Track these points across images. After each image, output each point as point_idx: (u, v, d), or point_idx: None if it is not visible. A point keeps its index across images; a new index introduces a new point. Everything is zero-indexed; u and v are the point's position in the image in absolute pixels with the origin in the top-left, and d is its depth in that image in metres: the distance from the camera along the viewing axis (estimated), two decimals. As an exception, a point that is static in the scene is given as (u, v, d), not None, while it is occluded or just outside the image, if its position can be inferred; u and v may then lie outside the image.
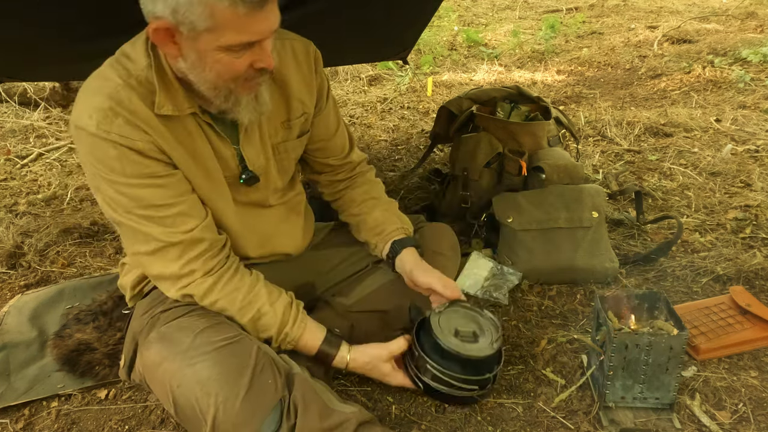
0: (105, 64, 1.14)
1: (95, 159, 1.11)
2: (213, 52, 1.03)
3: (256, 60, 1.07)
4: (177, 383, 1.12)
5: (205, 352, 1.13)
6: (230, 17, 0.99)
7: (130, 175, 1.11)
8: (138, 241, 1.17)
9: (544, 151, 2.09)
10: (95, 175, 1.13)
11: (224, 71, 1.07)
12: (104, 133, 1.08)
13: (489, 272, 1.79)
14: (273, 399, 1.11)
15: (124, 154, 1.10)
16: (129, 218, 1.15)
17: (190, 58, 1.06)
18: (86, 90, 1.12)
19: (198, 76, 1.08)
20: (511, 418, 1.33)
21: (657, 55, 4.57)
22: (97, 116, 1.07)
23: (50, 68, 2.20)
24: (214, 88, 1.10)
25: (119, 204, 1.14)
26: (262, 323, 1.25)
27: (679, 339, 1.23)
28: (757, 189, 2.37)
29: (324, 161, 1.50)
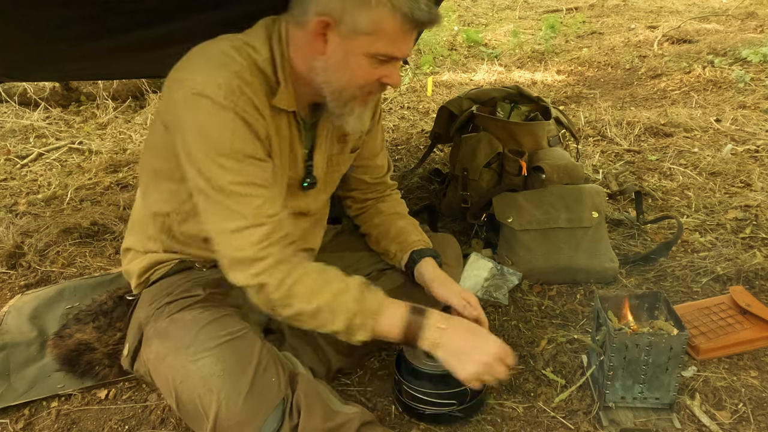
0: (223, 42, 1.15)
1: (209, 128, 1.09)
2: (359, 56, 1.10)
3: (385, 76, 1.14)
4: (180, 379, 1.12)
5: (208, 348, 1.13)
6: (392, 29, 1.07)
7: (237, 150, 1.10)
8: (224, 217, 1.12)
9: (544, 151, 2.09)
10: (199, 145, 1.10)
11: (359, 77, 1.12)
12: (231, 104, 1.08)
13: (489, 273, 1.79)
14: (276, 397, 1.10)
15: (240, 129, 1.10)
16: (221, 194, 1.11)
17: (334, 56, 1.10)
18: (207, 62, 1.12)
19: (331, 75, 1.13)
20: (511, 418, 1.33)
21: (657, 55, 4.57)
22: (226, 89, 1.08)
23: (50, 68, 2.20)
24: (339, 91, 1.15)
25: (216, 177, 1.10)
26: (337, 302, 1.15)
27: (679, 339, 1.23)
28: (757, 189, 2.37)
29: (361, 178, 1.54)
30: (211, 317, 1.18)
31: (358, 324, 1.15)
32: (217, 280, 1.33)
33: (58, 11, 1.51)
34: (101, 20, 1.64)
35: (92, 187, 2.80)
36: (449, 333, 1.17)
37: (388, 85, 1.17)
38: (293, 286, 1.13)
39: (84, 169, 3.04)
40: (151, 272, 1.35)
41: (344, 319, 1.14)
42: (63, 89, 3.96)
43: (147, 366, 1.22)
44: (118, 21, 1.64)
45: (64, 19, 1.58)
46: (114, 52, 1.78)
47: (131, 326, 1.32)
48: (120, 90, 4.06)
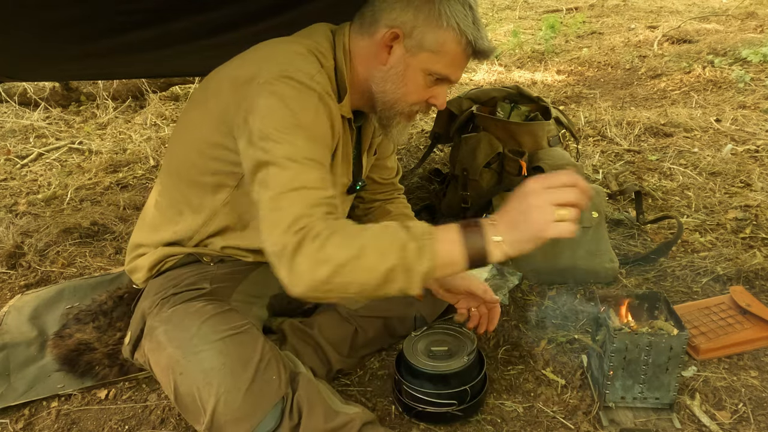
0: (288, 45, 1.17)
1: (294, 102, 1.07)
2: (417, 72, 1.15)
3: (434, 97, 1.20)
4: (180, 370, 1.12)
5: (210, 341, 1.13)
6: (454, 52, 1.13)
7: (312, 127, 1.09)
8: (285, 178, 1.02)
9: (544, 151, 2.09)
10: (278, 118, 1.05)
11: (412, 92, 1.18)
12: (317, 86, 1.10)
13: (489, 273, 1.79)
14: (275, 396, 1.10)
15: (321, 113, 1.12)
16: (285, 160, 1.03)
17: (395, 68, 1.16)
18: (284, 53, 1.14)
19: (388, 87, 1.17)
20: (511, 418, 1.33)
21: (657, 55, 4.57)
22: (310, 73, 1.11)
23: (50, 68, 2.20)
24: (392, 103, 1.20)
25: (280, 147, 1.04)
26: (383, 238, 0.97)
27: (679, 339, 1.23)
28: (757, 189, 2.37)
29: (372, 177, 1.56)
30: (215, 311, 1.18)
31: (415, 250, 0.95)
32: (224, 275, 1.34)
33: (59, 11, 1.51)
34: (101, 20, 1.63)
35: (92, 187, 2.80)
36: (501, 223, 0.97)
37: (434, 106, 1.22)
38: (330, 237, 0.96)
39: (84, 169, 3.04)
40: (162, 263, 1.36)
41: (397, 250, 0.95)
42: (63, 89, 3.96)
43: (147, 356, 1.22)
44: (118, 21, 1.64)
45: (64, 19, 1.58)
46: (114, 52, 1.78)
47: (135, 315, 1.32)
48: (120, 90, 4.06)
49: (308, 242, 0.95)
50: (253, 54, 1.18)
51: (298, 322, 1.48)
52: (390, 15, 1.13)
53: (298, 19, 1.68)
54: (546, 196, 0.93)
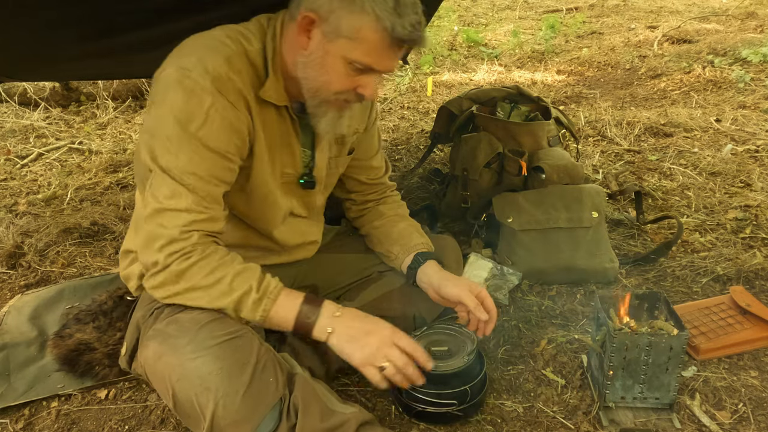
0: (217, 30, 1.17)
1: (181, 105, 1.09)
2: (336, 59, 1.10)
3: (361, 86, 1.14)
4: (177, 377, 1.12)
5: (206, 347, 1.12)
6: (372, 40, 1.07)
7: (200, 136, 1.10)
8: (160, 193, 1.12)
9: (544, 151, 2.09)
10: (168, 123, 1.10)
11: (334, 81, 1.13)
12: (215, 90, 1.09)
13: (489, 273, 1.79)
14: (273, 397, 1.10)
15: (213, 119, 1.10)
16: (165, 173, 1.11)
17: (314, 54, 1.11)
18: (200, 45, 1.14)
19: (309, 73, 1.13)
20: (511, 418, 1.33)
21: (657, 55, 4.57)
22: (214, 74, 1.09)
23: (50, 68, 2.20)
24: (315, 90, 1.15)
25: (165, 158, 1.10)
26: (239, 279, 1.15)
27: (679, 339, 1.23)
28: (757, 189, 2.37)
29: (358, 178, 1.54)
30: (210, 317, 1.17)
31: (255, 300, 1.14)
32: None
33: (58, 11, 1.51)
34: (101, 20, 1.63)
35: (92, 187, 2.80)
36: (342, 320, 1.18)
37: (364, 96, 1.16)
38: (198, 261, 1.13)
39: (84, 169, 3.04)
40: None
41: (241, 292, 1.14)
42: (63, 89, 3.96)
43: (144, 365, 1.22)
44: (118, 21, 1.64)
45: (64, 19, 1.58)
46: (114, 52, 1.78)
47: (130, 326, 1.32)
48: (120, 90, 4.06)
49: (176, 264, 1.12)
50: (180, 44, 1.16)
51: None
52: (311, 1, 1.09)
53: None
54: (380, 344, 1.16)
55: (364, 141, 1.49)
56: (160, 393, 1.20)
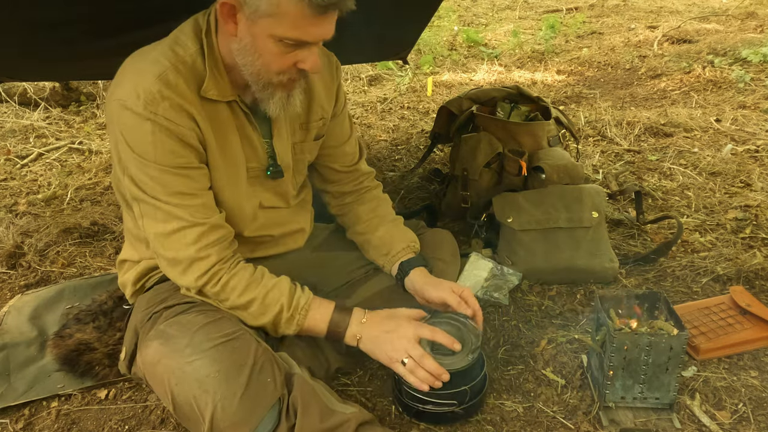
0: (152, 46, 1.18)
1: (132, 139, 1.12)
2: (266, 39, 1.08)
3: (301, 61, 1.12)
4: (176, 381, 1.12)
5: (203, 350, 1.13)
6: (293, 12, 1.04)
7: (161, 162, 1.13)
8: (158, 220, 1.17)
9: (544, 151, 2.09)
10: (126, 155, 1.14)
11: (271, 62, 1.11)
12: (151, 114, 1.09)
13: (489, 273, 1.79)
14: (271, 398, 1.11)
15: (161, 140, 1.11)
16: (154, 201, 1.16)
17: (244, 39, 1.10)
18: (133, 69, 1.14)
19: (246, 59, 1.12)
20: (511, 418, 1.33)
21: (657, 55, 4.57)
22: (146, 97, 1.09)
23: (50, 68, 2.20)
24: (257, 75, 1.14)
25: (148, 187, 1.15)
26: (269, 298, 1.24)
27: (679, 339, 1.23)
28: (757, 189, 2.37)
29: (332, 167, 1.53)
30: (206, 320, 1.18)
31: (287, 318, 1.24)
32: None
33: (59, 11, 1.51)
34: (101, 20, 1.63)
35: (92, 187, 2.80)
36: (368, 324, 1.26)
37: (306, 70, 1.14)
38: (229, 281, 1.22)
39: (84, 169, 3.04)
40: (146, 279, 1.36)
41: (275, 312, 1.23)
42: (63, 89, 3.95)
43: (144, 369, 1.22)
44: (119, 21, 1.64)
45: (64, 19, 1.58)
46: (114, 53, 1.78)
47: (128, 331, 1.32)
48: (120, 90, 4.05)
49: (210, 287, 1.21)
50: (120, 69, 1.17)
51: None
52: None
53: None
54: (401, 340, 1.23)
55: (334, 127, 1.47)
56: (160, 396, 1.21)
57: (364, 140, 3.32)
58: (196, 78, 1.15)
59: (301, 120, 1.38)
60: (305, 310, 1.25)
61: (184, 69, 1.14)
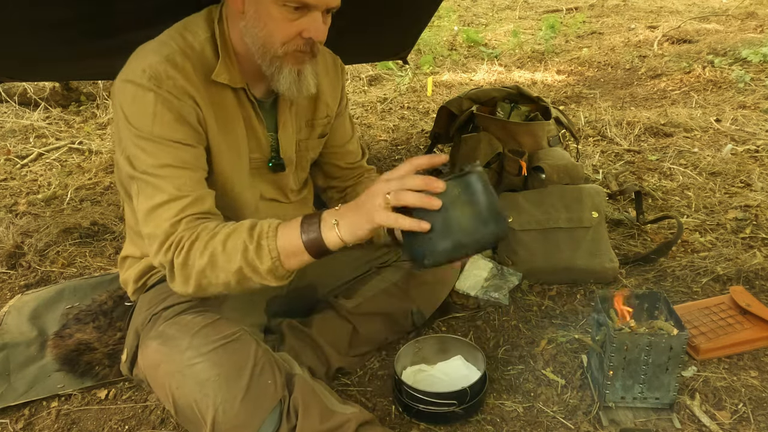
0: (164, 32, 1.19)
1: (132, 111, 1.11)
2: (269, 6, 1.08)
3: (305, 29, 1.10)
4: (176, 385, 1.12)
5: (203, 353, 1.12)
6: None
7: (157, 134, 1.11)
8: (145, 195, 1.14)
9: (544, 151, 2.09)
10: (123, 130, 1.13)
11: (275, 30, 1.10)
12: (154, 86, 1.10)
13: (489, 273, 1.79)
14: (272, 400, 1.10)
15: (160, 113, 1.11)
16: (145, 174, 1.13)
17: (249, 12, 1.11)
18: (141, 51, 1.15)
19: (253, 33, 1.12)
20: (511, 418, 1.33)
21: (657, 55, 4.56)
22: (151, 71, 1.10)
23: (50, 68, 2.20)
24: (262, 48, 1.13)
25: (140, 160, 1.13)
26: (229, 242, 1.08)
27: (679, 339, 1.23)
28: (757, 189, 2.37)
29: (336, 164, 1.53)
30: (205, 321, 1.17)
31: (255, 249, 1.06)
32: None
33: (59, 11, 1.51)
34: (101, 20, 1.63)
35: (92, 187, 2.80)
36: (341, 211, 1.06)
37: (312, 39, 1.12)
38: (192, 246, 1.09)
39: (84, 169, 3.04)
40: (148, 277, 1.35)
41: (240, 251, 1.07)
42: (63, 89, 3.95)
43: (144, 372, 1.22)
44: (119, 21, 1.64)
45: (64, 19, 1.58)
46: (113, 53, 1.78)
47: (129, 332, 1.32)
48: (120, 90, 4.05)
49: (176, 257, 1.10)
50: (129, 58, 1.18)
51: (297, 322, 1.48)
52: None
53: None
54: (381, 186, 1.00)
55: (337, 127, 1.49)
56: (162, 400, 1.21)
57: (364, 140, 3.32)
58: (203, 65, 1.16)
59: (308, 117, 1.39)
60: (273, 232, 1.07)
61: (192, 54, 1.15)
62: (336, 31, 1.19)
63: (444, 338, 1.49)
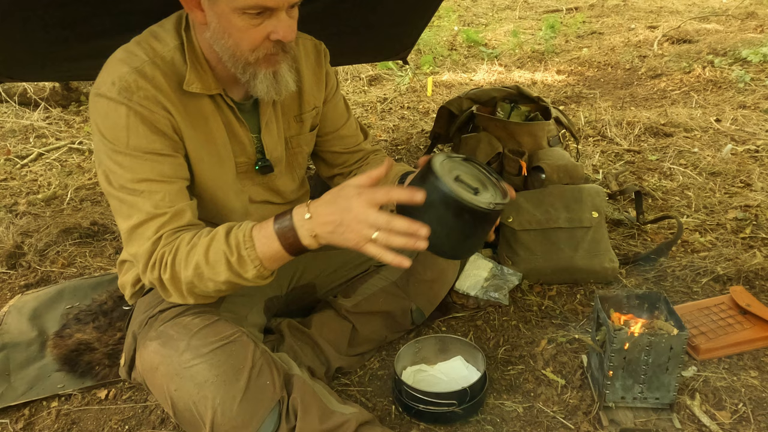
0: (131, 41, 1.17)
1: (106, 126, 1.10)
2: (230, 16, 1.05)
3: (272, 32, 1.08)
4: (175, 387, 1.12)
5: (201, 354, 1.12)
6: None
7: (133, 147, 1.10)
8: (123, 216, 1.14)
9: (544, 151, 2.09)
10: (100, 145, 1.13)
11: (241, 39, 1.08)
12: (124, 99, 1.09)
13: (489, 273, 1.79)
14: (271, 400, 1.10)
15: (134, 124, 1.10)
16: (121, 192, 1.12)
17: (212, 24, 1.08)
18: (110, 62, 1.14)
19: (220, 44, 1.10)
20: (511, 418, 1.33)
21: (657, 55, 4.56)
22: (120, 84, 1.09)
23: (50, 68, 2.20)
24: (232, 57, 1.11)
25: (116, 176, 1.12)
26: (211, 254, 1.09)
27: (679, 339, 1.23)
28: (757, 189, 2.37)
29: (334, 150, 1.49)
30: (203, 323, 1.17)
31: (237, 261, 1.07)
32: None
33: (58, 11, 1.51)
34: (101, 20, 1.64)
35: (92, 187, 2.80)
36: (315, 216, 1.03)
37: (280, 39, 1.09)
38: (174, 259, 1.10)
39: (84, 169, 3.04)
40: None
41: (224, 263, 1.07)
42: (63, 89, 3.95)
43: (143, 375, 1.22)
44: (118, 21, 1.64)
45: (63, 19, 1.58)
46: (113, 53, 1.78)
47: (127, 337, 1.31)
48: (120, 90, 4.05)
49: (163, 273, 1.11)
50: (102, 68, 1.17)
51: (296, 322, 1.48)
52: None
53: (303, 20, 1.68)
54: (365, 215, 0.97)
55: (328, 113, 1.44)
56: (161, 402, 1.21)
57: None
58: (175, 73, 1.14)
59: (295, 112, 1.36)
60: (249, 240, 1.06)
61: (162, 64, 1.13)
62: (336, 32, 1.19)
63: (444, 338, 1.49)
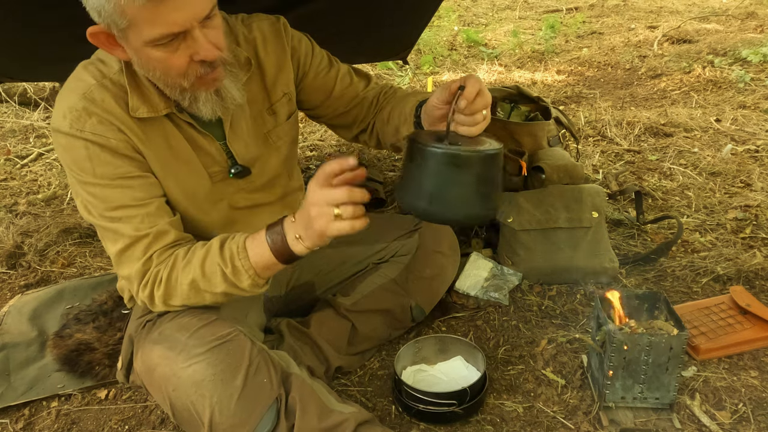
0: (79, 65, 1.16)
1: (70, 160, 1.11)
2: (144, 50, 1.00)
3: (193, 53, 1.02)
4: (173, 387, 1.12)
5: (198, 354, 1.12)
6: (138, 11, 0.94)
7: (100, 175, 1.10)
8: (109, 241, 1.15)
9: (544, 151, 2.09)
10: (71, 178, 1.14)
11: (166, 68, 1.04)
12: (78, 132, 1.08)
13: (489, 273, 1.79)
14: (269, 398, 1.11)
15: (95, 154, 1.09)
16: (102, 220, 1.13)
17: (134, 58, 1.05)
18: (62, 92, 1.14)
19: (150, 75, 1.08)
20: (511, 418, 1.33)
21: (657, 55, 4.56)
22: (71, 115, 1.08)
23: (50, 68, 2.20)
24: (168, 86, 1.08)
25: (93, 206, 1.13)
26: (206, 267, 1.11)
27: (679, 339, 1.23)
28: (757, 189, 2.37)
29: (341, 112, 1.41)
30: (201, 323, 1.17)
31: (232, 272, 1.09)
32: None
33: (58, 11, 1.51)
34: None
35: (92, 187, 2.80)
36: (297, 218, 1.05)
37: (205, 59, 1.03)
38: (170, 275, 1.13)
39: (84, 169, 3.04)
40: None
41: (219, 276, 1.10)
42: (63, 89, 3.95)
43: (141, 377, 1.22)
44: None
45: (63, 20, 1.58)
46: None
47: (125, 340, 1.32)
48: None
49: (156, 290, 1.14)
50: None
51: (295, 321, 1.48)
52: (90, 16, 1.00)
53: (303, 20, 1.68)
54: (321, 196, 0.98)
55: (314, 83, 1.36)
56: (160, 403, 1.21)
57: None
58: (124, 95, 1.11)
59: (266, 106, 1.30)
60: (243, 251, 1.09)
61: (111, 85, 1.11)
62: (336, 32, 1.18)
63: (444, 338, 1.49)
